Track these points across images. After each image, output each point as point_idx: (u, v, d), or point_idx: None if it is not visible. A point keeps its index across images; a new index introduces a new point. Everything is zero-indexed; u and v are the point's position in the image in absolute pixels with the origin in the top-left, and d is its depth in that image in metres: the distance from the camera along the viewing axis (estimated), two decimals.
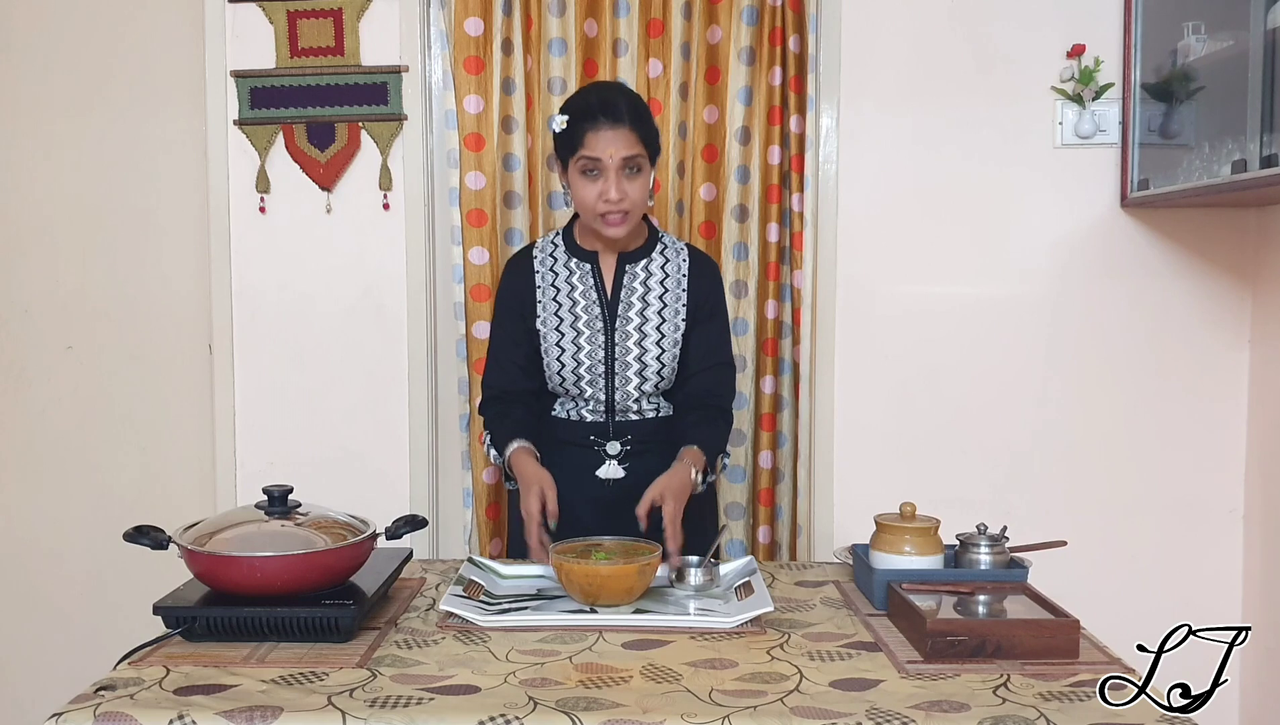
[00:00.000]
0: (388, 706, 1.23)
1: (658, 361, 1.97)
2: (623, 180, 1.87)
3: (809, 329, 2.56)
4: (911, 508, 1.68)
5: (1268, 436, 2.48)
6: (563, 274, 2.00)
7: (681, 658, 1.40)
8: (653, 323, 1.97)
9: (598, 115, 1.87)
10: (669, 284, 1.99)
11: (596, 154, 1.86)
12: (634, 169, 1.88)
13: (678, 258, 2.02)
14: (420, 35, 2.57)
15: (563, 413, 2.03)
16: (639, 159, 1.88)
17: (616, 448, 1.99)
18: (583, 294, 1.98)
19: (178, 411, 2.72)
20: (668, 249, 2.03)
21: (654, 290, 1.98)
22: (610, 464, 1.99)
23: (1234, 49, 2.08)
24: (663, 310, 1.98)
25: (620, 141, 1.86)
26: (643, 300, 1.98)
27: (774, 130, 2.54)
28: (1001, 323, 2.56)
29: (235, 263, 2.63)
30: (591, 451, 2.00)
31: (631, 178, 1.88)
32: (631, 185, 1.88)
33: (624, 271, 1.99)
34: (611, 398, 1.98)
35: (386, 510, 1.83)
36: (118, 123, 2.68)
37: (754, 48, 2.53)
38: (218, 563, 1.49)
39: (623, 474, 1.98)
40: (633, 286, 1.98)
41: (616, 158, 1.86)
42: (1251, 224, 2.51)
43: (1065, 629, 1.41)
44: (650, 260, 2.00)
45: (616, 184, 1.86)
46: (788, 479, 2.63)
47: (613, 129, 1.86)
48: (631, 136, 1.87)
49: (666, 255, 2.02)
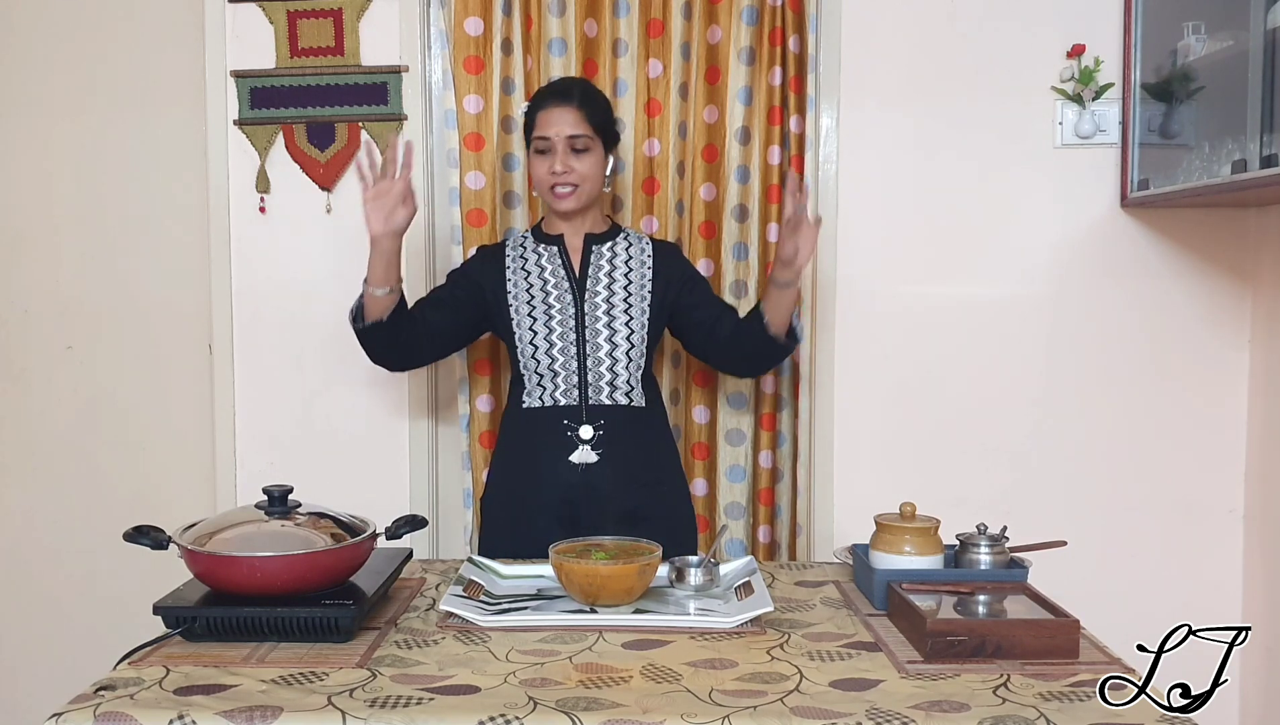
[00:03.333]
0: (388, 706, 1.23)
1: (627, 327, 2.07)
2: (569, 156, 2.05)
3: (809, 329, 2.56)
4: (911, 508, 1.68)
5: (1268, 436, 2.48)
6: (532, 259, 2.15)
7: (681, 658, 1.40)
8: (620, 296, 2.10)
9: (547, 97, 2.10)
10: (633, 265, 2.14)
11: (545, 132, 2.06)
12: (582, 148, 2.06)
13: (640, 244, 2.19)
14: (420, 35, 2.57)
15: (535, 402, 2.09)
16: (585, 139, 2.06)
17: (589, 432, 2.04)
18: (551, 273, 2.12)
19: (178, 411, 2.72)
20: (629, 236, 2.20)
21: (620, 268, 2.12)
22: (583, 448, 2.04)
23: (1234, 49, 2.07)
24: (629, 286, 2.12)
25: (567, 120, 2.05)
26: (609, 276, 2.11)
27: (774, 130, 2.54)
28: (1001, 323, 2.56)
29: (235, 263, 2.63)
30: (564, 436, 2.04)
31: (579, 156, 2.06)
32: (579, 161, 2.06)
33: (590, 251, 2.14)
34: (584, 375, 2.05)
35: (386, 510, 1.83)
36: (118, 123, 2.68)
37: (754, 48, 2.53)
38: (218, 563, 1.49)
39: (595, 459, 2.03)
40: (599, 264, 2.13)
41: (562, 134, 2.05)
42: (1251, 224, 2.51)
43: (1065, 629, 1.41)
44: (615, 243, 2.16)
45: (562, 158, 2.05)
46: (788, 479, 2.63)
47: (559, 108, 2.06)
48: (578, 116, 2.06)
49: (629, 240, 2.18)
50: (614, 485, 2.03)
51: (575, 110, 2.05)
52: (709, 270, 2.58)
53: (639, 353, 2.09)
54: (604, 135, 2.10)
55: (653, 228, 2.58)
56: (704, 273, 2.58)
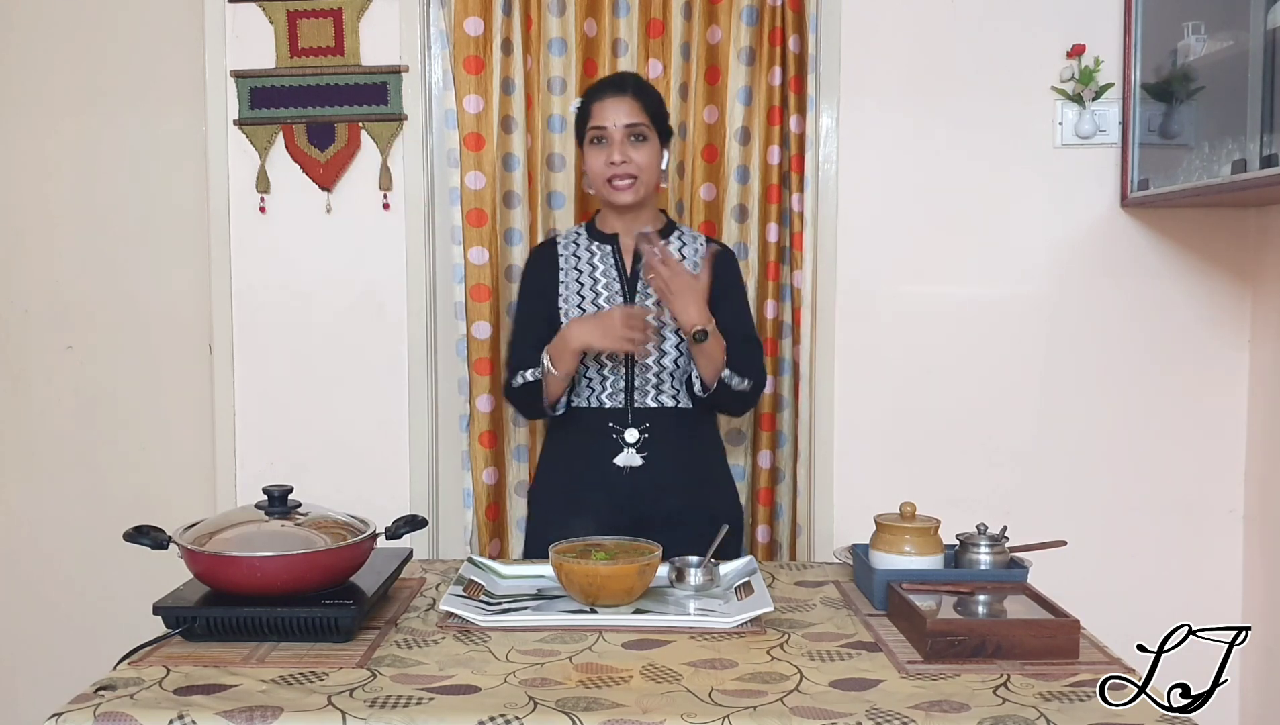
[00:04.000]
0: (388, 706, 1.23)
1: (676, 335, 2.02)
2: (627, 146, 2.02)
3: (809, 329, 2.56)
4: (911, 508, 1.68)
5: (1268, 436, 2.48)
6: (585, 257, 2.11)
7: (681, 658, 1.40)
8: None
9: (604, 88, 2.08)
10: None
11: (602, 122, 2.03)
12: (639, 137, 2.02)
13: (694, 243, 2.15)
14: (420, 35, 2.57)
15: (581, 402, 2.07)
16: (642, 127, 2.03)
17: (635, 435, 2.02)
18: (604, 273, 2.09)
19: (178, 411, 2.72)
20: (684, 235, 2.16)
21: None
22: (628, 452, 2.02)
23: (1234, 49, 2.07)
24: None
25: (623, 109, 2.02)
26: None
27: (774, 130, 2.54)
28: (1001, 323, 2.56)
29: (235, 263, 2.63)
30: (610, 439, 2.03)
31: (637, 146, 2.02)
32: (636, 151, 2.02)
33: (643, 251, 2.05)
34: (631, 377, 2.03)
35: (386, 510, 1.83)
36: (118, 123, 2.68)
37: (754, 48, 2.53)
38: (218, 563, 1.49)
39: (640, 462, 2.02)
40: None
41: (620, 124, 2.01)
42: (1251, 224, 2.51)
43: (1065, 629, 1.41)
44: (668, 243, 2.09)
45: (621, 148, 2.01)
46: (788, 479, 2.63)
47: (616, 98, 2.04)
48: (635, 105, 2.03)
49: (683, 240, 2.14)
50: (659, 488, 2.00)
51: (632, 100, 2.03)
52: None
53: (687, 356, 2.03)
54: (659, 127, 2.07)
55: None
56: None
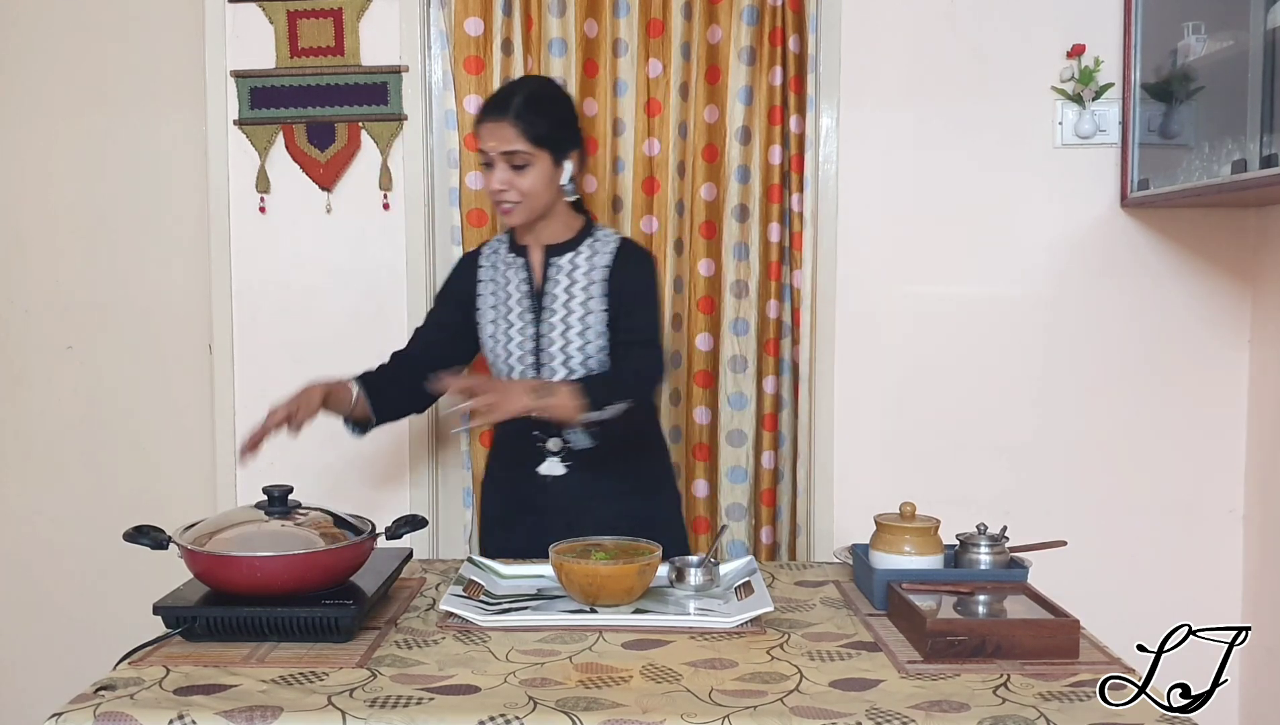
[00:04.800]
0: (388, 706, 1.23)
1: (581, 352, 1.99)
2: (507, 172, 1.94)
3: (809, 329, 2.56)
4: (911, 508, 1.68)
5: (1267, 437, 2.47)
6: (501, 268, 2.08)
7: (681, 658, 1.40)
8: (576, 314, 1.99)
9: (486, 109, 1.98)
10: (594, 276, 2.01)
11: (483, 146, 1.96)
12: (520, 165, 1.93)
13: (605, 250, 2.04)
14: (420, 35, 2.57)
15: None
16: (523, 155, 1.93)
17: (558, 444, 2.01)
18: (516, 287, 2.05)
19: (178, 411, 2.72)
20: (597, 241, 2.05)
21: (579, 282, 2.01)
22: (551, 461, 2.02)
23: (1234, 49, 2.07)
24: (587, 301, 2.00)
25: (500, 135, 1.93)
26: (567, 292, 2.01)
27: (774, 130, 2.54)
28: (1001, 323, 2.56)
29: (235, 263, 2.63)
30: (534, 448, 2.02)
31: (520, 172, 1.94)
32: (518, 177, 1.94)
33: (549, 264, 2.03)
34: None
35: (386, 510, 1.83)
36: (118, 123, 2.68)
37: (754, 48, 2.53)
38: (218, 563, 1.50)
39: (564, 471, 2.01)
40: (557, 279, 2.02)
41: (497, 150, 1.93)
42: (1251, 224, 2.51)
43: (1065, 629, 1.41)
44: (576, 253, 2.03)
45: (499, 174, 1.94)
46: (787, 479, 2.63)
47: (495, 122, 1.94)
48: (513, 131, 1.92)
49: (595, 247, 2.04)
50: (588, 495, 2.00)
51: (511, 125, 1.92)
52: (709, 270, 2.59)
53: (597, 363, 2.00)
54: (551, 145, 1.95)
55: (653, 228, 2.58)
56: (704, 273, 2.59)
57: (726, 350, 2.59)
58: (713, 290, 2.60)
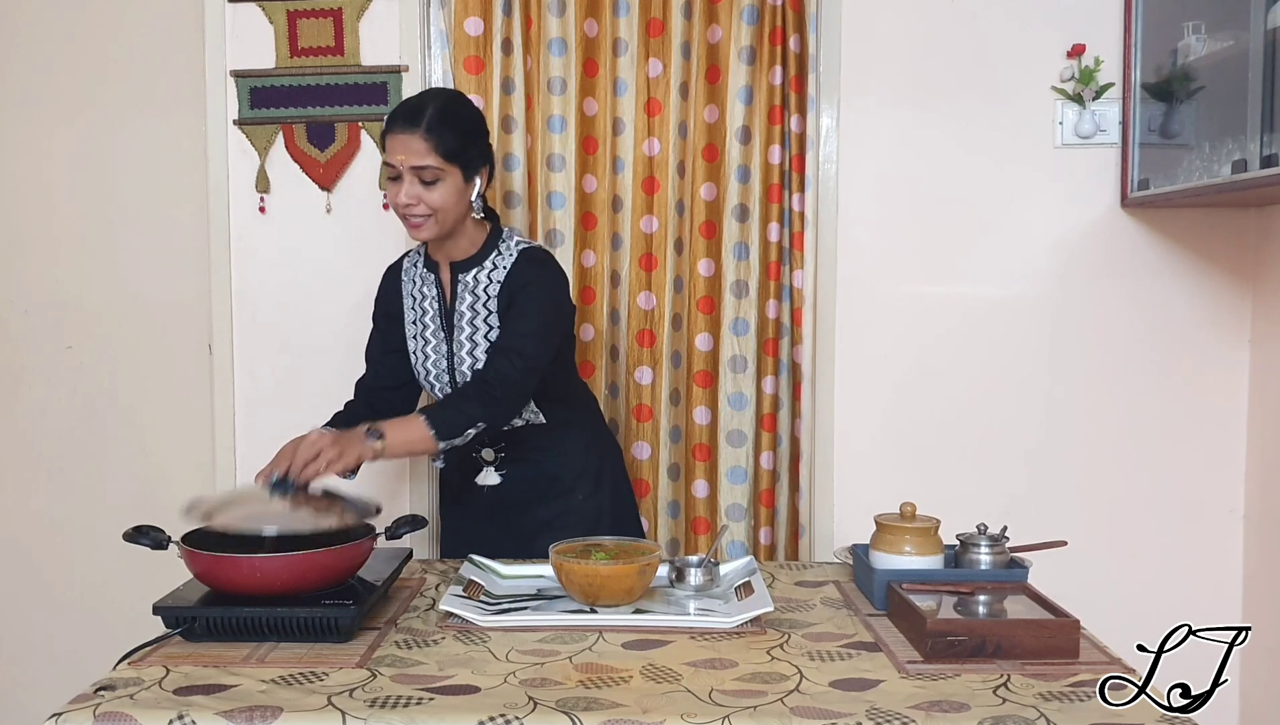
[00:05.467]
0: (388, 706, 1.23)
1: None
2: (417, 187, 1.86)
3: (809, 329, 2.56)
4: (911, 508, 1.68)
5: (1268, 436, 2.47)
6: (418, 283, 2.06)
7: (681, 658, 1.40)
8: (482, 331, 1.96)
9: (396, 119, 1.89)
10: (493, 290, 1.97)
11: (390, 159, 1.88)
12: (430, 180, 1.86)
13: (506, 260, 1.98)
14: (420, 35, 2.57)
15: None
16: (433, 170, 1.86)
17: (491, 454, 2.02)
18: (430, 303, 2.03)
19: (178, 411, 2.72)
20: (502, 253, 1.98)
21: (481, 297, 1.97)
22: (487, 470, 2.02)
23: (1234, 49, 2.07)
24: (489, 317, 1.96)
25: (411, 149, 1.85)
26: (472, 308, 1.97)
27: (774, 130, 2.54)
28: (1001, 323, 2.56)
29: (235, 263, 2.63)
30: (469, 458, 2.03)
31: (429, 187, 1.87)
32: (428, 192, 1.87)
33: (456, 280, 2.00)
34: None
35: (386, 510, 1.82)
36: (118, 123, 2.68)
37: (754, 47, 2.53)
38: (218, 563, 1.50)
39: (499, 480, 2.02)
40: (463, 295, 1.98)
41: (406, 165, 1.86)
42: (1251, 224, 2.51)
43: (1065, 629, 1.41)
44: (481, 267, 1.98)
45: (407, 188, 1.87)
46: (787, 479, 2.63)
47: (406, 135, 1.86)
48: (424, 146, 1.85)
49: (497, 262, 1.98)
50: (525, 502, 2.02)
51: (422, 139, 1.85)
52: (709, 270, 2.59)
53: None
54: (462, 161, 1.89)
55: (653, 228, 2.58)
56: (704, 273, 2.59)
57: (726, 350, 2.59)
58: (712, 290, 2.60)
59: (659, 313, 2.59)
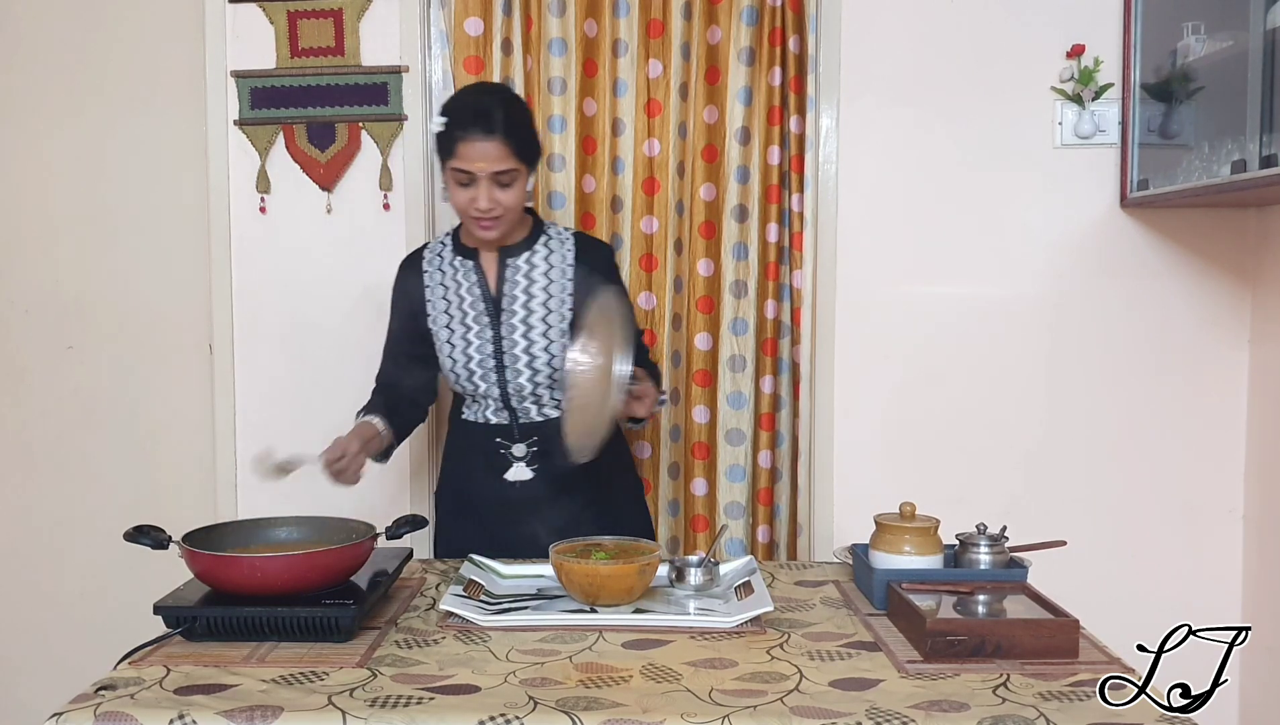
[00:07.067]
0: (388, 706, 1.23)
1: (546, 352, 1.96)
2: (494, 190, 1.88)
3: (809, 329, 2.56)
4: (911, 508, 1.68)
5: (1268, 436, 2.48)
6: (449, 272, 2.03)
7: (681, 657, 1.40)
8: (538, 315, 1.97)
9: (467, 125, 1.86)
10: (553, 275, 1.99)
11: (468, 166, 1.87)
12: (507, 183, 1.88)
13: (562, 247, 2.02)
14: (420, 35, 2.57)
15: (470, 416, 2.06)
16: (510, 172, 1.87)
17: (522, 449, 2.00)
18: (469, 291, 2.01)
19: (178, 411, 2.72)
20: (552, 240, 2.02)
21: (538, 282, 1.99)
22: (518, 466, 2.01)
23: (1234, 49, 2.07)
24: (548, 301, 1.98)
25: (491, 155, 1.85)
26: (527, 292, 1.98)
27: (774, 130, 2.54)
28: (1001, 323, 2.56)
29: (235, 263, 2.64)
30: (499, 454, 2.01)
31: (505, 189, 1.88)
32: (504, 193, 1.88)
33: (506, 266, 1.99)
34: (506, 393, 1.99)
35: (386, 510, 1.83)
36: (118, 123, 2.68)
37: (754, 48, 2.53)
38: (218, 563, 1.50)
39: (530, 476, 2.00)
40: (515, 280, 1.99)
41: (487, 171, 1.86)
42: (1251, 224, 2.51)
43: (1065, 629, 1.41)
44: (533, 252, 2.00)
45: (488, 194, 1.87)
46: (787, 478, 2.63)
47: (483, 141, 1.85)
48: (504, 150, 1.86)
49: (550, 246, 2.02)
50: (552, 499, 1.99)
51: (500, 143, 1.85)
52: (709, 270, 2.59)
53: (560, 362, 1.96)
54: (530, 158, 1.92)
55: (653, 228, 2.59)
56: (703, 273, 2.59)
57: (725, 350, 2.59)
58: (712, 290, 2.60)
59: (659, 312, 2.60)
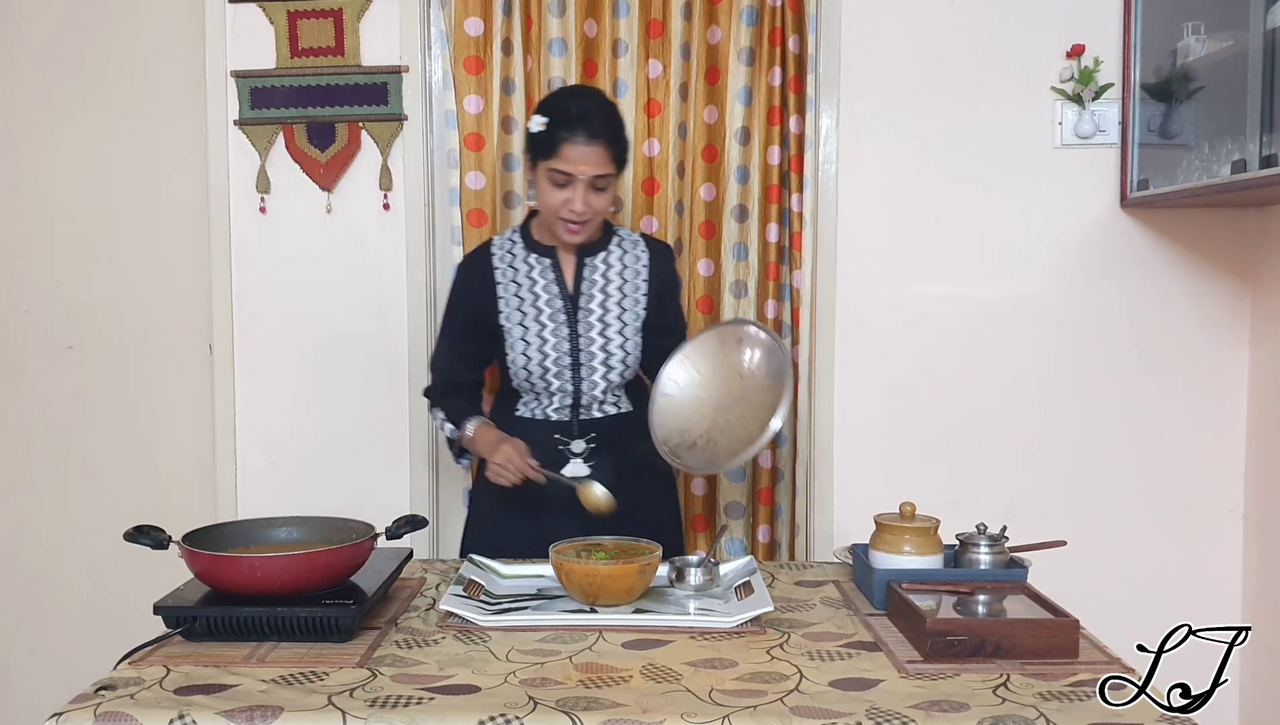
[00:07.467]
0: (388, 706, 1.23)
1: (622, 350, 2.01)
2: (590, 194, 1.92)
3: (809, 329, 2.56)
4: (911, 508, 1.68)
5: (1268, 436, 2.48)
6: (522, 269, 2.05)
7: (681, 657, 1.40)
8: (614, 313, 2.02)
9: (576, 129, 1.90)
10: (628, 275, 2.05)
11: (569, 169, 1.90)
12: (603, 187, 1.94)
13: (635, 249, 2.08)
14: (420, 35, 2.57)
15: (527, 413, 2.06)
16: (608, 178, 1.94)
17: (581, 446, 2.02)
18: (544, 288, 2.03)
19: (178, 411, 2.72)
20: (624, 241, 2.08)
21: (614, 281, 2.04)
22: (575, 462, 2.02)
23: (1234, 49, 2.07)
24: (623, 300, 2.03)
25: (594, 159, 1.91)
26: (603, 291, 2.03)
27: (774, 130, 2.54)
28: (1001, 322, 2.56)
29: (235, 263, 2.63)
30: (555, 451, 2.02)
31: (600, 193, 1.94)
32: (598, 198, 1.94)
33: (584, 265, 2.04)
34: (578, 391, 2.01)
35: (386, 510, 1.83)
36: (118, 123, 2.68)
37: (754, 48, 2.53)
38: (218, 563, 1.50)
39: (587, 472, 2.01)
40: (593, 279, 2.04)
41: (588, 174, 1.91)
42: (1251, 224, 2.51)
43: (1065, 629, 1.41)
44: (609, 252, 2.06)
45: (584, 198, 1.92)
46: (787, 479, 2.63)
47: (589, 145, 1.90)
48: (605, 155, 1.92)
49: (624, 247, 2.08)
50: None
51: (604, 149, 1.91)
52: (709, 270, 2.59)
53: (634, 360, 2.04)
54: (623, 165, 2.00)
55: (653, 228, 2.58)
56: (703, 273, 2.59)
57: None
58: (712, 290, 2.60)
59: None
